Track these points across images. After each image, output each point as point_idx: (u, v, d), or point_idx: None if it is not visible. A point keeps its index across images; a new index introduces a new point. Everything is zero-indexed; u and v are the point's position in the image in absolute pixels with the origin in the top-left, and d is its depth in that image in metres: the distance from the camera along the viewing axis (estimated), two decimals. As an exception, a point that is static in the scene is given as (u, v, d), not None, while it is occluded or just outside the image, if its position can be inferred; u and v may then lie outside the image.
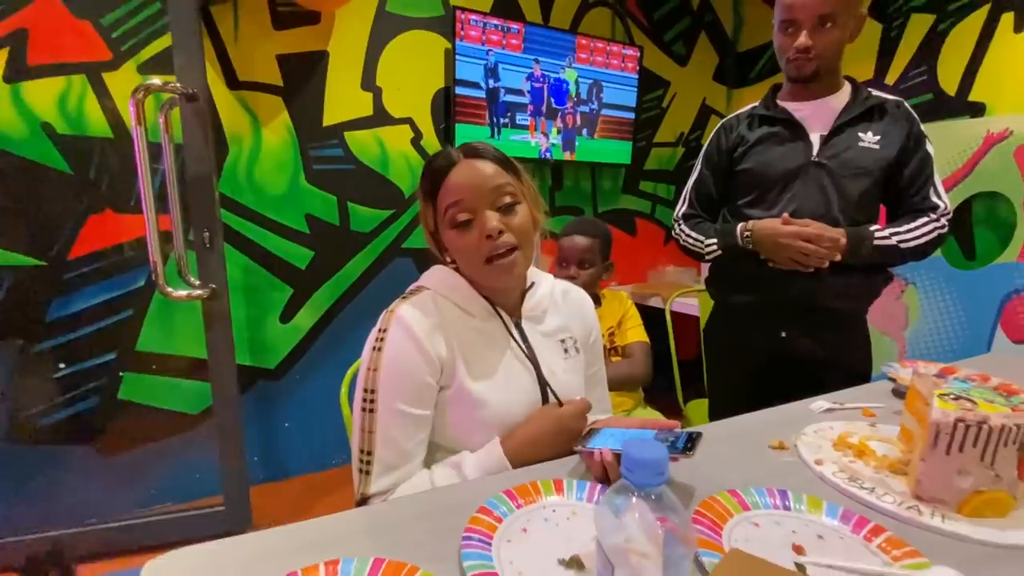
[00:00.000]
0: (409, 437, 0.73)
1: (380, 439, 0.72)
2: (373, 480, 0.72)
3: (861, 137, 1.15)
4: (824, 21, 1.08)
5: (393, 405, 0.72)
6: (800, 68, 1.14)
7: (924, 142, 1.16)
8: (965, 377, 0.72)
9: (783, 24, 1.13)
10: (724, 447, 0.78)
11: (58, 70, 1.57)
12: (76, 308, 1.67)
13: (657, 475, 0.35)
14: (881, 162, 1.13)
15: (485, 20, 2.04)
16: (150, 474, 1.82)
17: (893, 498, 0.63)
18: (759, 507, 0.61)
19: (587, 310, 0.92)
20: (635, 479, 0.35)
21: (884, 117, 1.16)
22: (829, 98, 1.18)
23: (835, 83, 1.19)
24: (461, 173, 0.75)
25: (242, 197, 1.84)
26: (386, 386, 0.72)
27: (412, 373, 0.73)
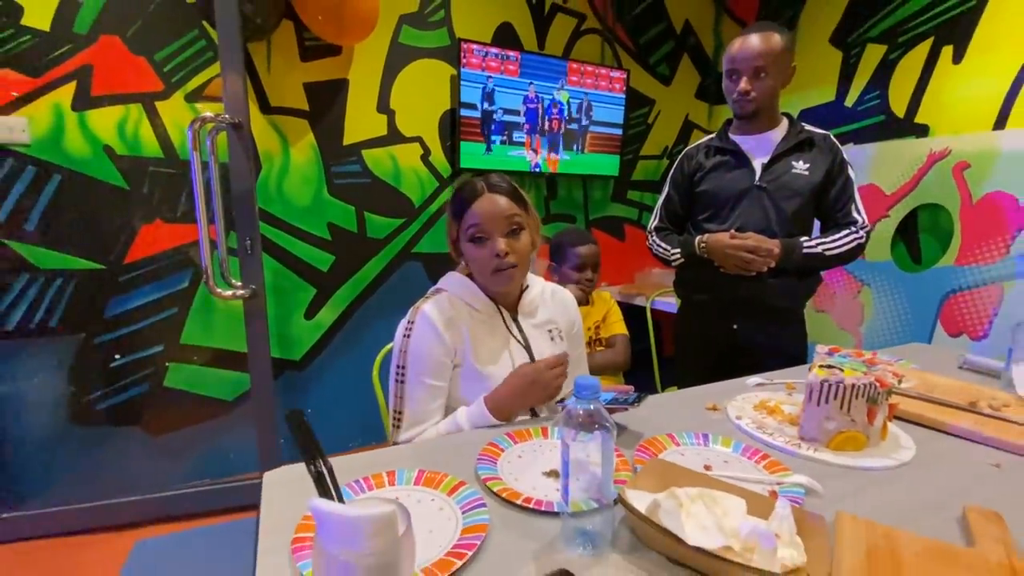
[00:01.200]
0: (431, 400, 0.99)
1: (408, 402, 0.98)
2: (402, 432, 0.98)
3: (794, 165, 1.41)
4: (759, 72, 1.35)
5: (419, 378, 0.98)
6: (742, 108, 1.41)
7: (846, 167, 1.41)
8: (847, 354, 0.96)
9: (728, 72, 1.40)
10: (671, 408, 1.03)
11: (118, 100, 1.81)
12: (130, 306, 1.91)
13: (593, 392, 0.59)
14: (810, 185, 1.39)
15: (486, 49, 2.29)
16: (190, 453, 2.06)
17: (784, 439, 0.88)
18: (686, 443, 0.86)
19: (571, 307, 1.17)
20: (580, 395, 0.59)
21: (813, 148, 1.42)
22: (769, 132, 1.44)
23: (774, 119, 1.44)
24: (483, 203, 0.99)
25: (273, 208, 2.08)
26: (413, 364, 0.98)
27: (433, 354, 0.98)
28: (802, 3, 2.59)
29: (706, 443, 0.87)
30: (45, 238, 1.77)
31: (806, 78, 2.61)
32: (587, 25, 2.64)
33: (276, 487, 0.75)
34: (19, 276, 1.75)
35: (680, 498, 0.60)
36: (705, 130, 3.12)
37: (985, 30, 2.00)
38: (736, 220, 1.43)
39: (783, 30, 1.37)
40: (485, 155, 2.39)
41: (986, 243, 1.96)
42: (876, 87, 2.33)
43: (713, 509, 0.59)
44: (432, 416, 0.99)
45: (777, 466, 0.79)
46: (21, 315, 1.77)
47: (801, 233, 1.42)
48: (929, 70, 2.16)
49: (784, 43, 1.35)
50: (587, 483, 0.59)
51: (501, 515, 0.67)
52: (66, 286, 1.82)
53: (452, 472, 0.75)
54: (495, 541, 0.62)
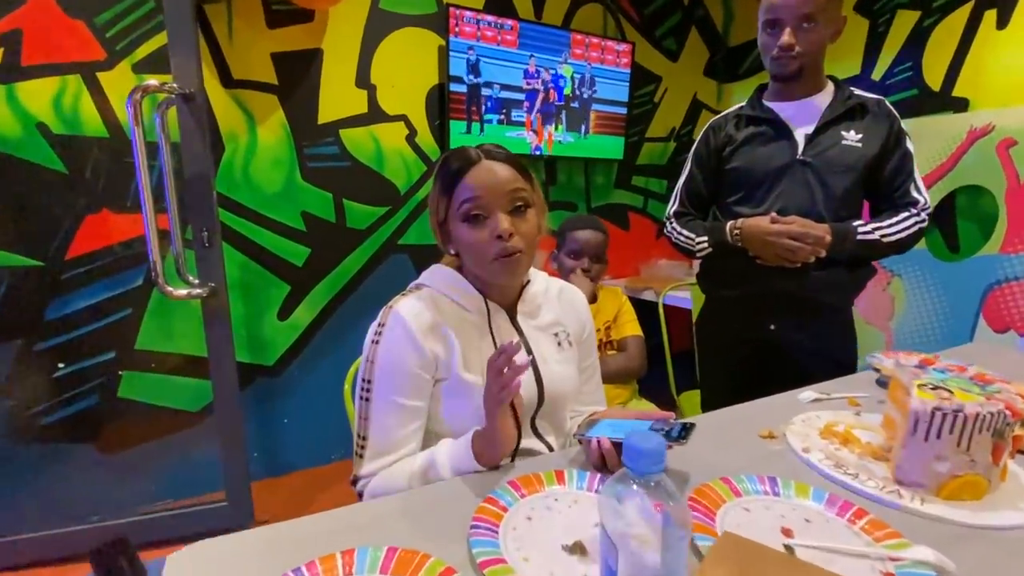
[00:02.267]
0: (401, 426, 0.77)
1: (374, 426, 0.77)
2: (364, 463, 0.77)
3: (844, 135, 1.18)
4: (806, 20, 1.11)
5: (387, 395, 0.76)
6: (783, 66, 1.17)
7: (905, 139, 1.19)
8: (944, 367, 0.76)
9: (766, 24, 1.17)
10: (717, 436, 0.82)
11: (53, 70, 1.56)
12: (75, 307, 1.67)
13: (656, 464, 0.38)
14: (863, 159, 1.17)
15: (479, 17, 2.05)
16: (151, 471, 1.84)
17: (876, 483, 0.67)
18: (750, 493, 0.65)
19: (581, 307, 0.95)
20: (635, 467, 0.38)
21: (866, 116, 1.19)
22: (813, 98, 1.22)
23: (818, 82, 1.22)
24: (480, 173, 0.76)
25: (238, 195, 1.84)
26: (381, 377, 0.77)
27: (406, 366, 0.76)
28: (823, -32, 2.37)
29: (775, 490, 0.65)
30: (-31, 231, 1.53)
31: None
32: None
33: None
34: (-61, 275, 1.51)
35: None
36: (714, 110, 2.90)
37: (1035, -10, 1.79)
38: (775, 202, 1.21)
39: None
40: (479, 136, 2.16)
41: (1037, 228, 1.76)
42: (908, 58, 2.12)
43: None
44: (404, 444, 0.78)
45: (882, 529, 0.58)
46: (-57, 320, 1.53)
47: (851, 216, 1.21)
48: (969, 37, 1.95)
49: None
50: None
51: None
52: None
53: (436, 545, 0.54)
54: None
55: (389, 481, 0.75)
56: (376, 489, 0.75)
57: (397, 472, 0.75)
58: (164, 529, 1.71)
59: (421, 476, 0.74)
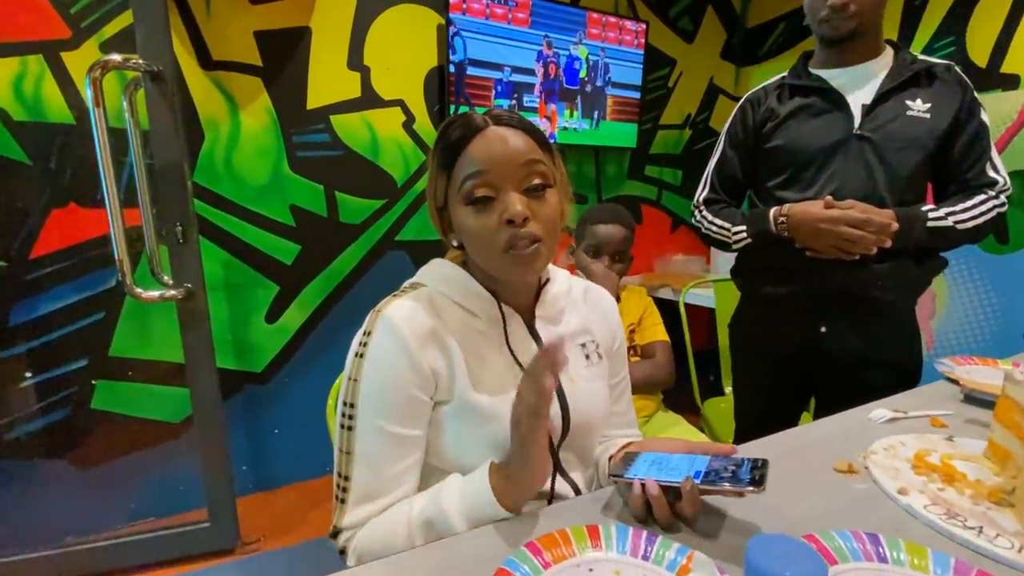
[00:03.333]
0: (393, 461, 0.61)
1: (359, 463, 0.60)
2: (348, 510, 0.60)
3: (909, 105, 1.02)
4: None
5: (375, 423, 0.60)
6: (836, 28, 1.01)
7: (979, 110, 1.03)
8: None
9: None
10: (783, 470, 0.65)
11: (11, 50, 1.41)
12: (41, 311, 1.53)
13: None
14: (933, 133, 1.00)
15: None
16: (130, 488, 1.70)
17: (1008, 541, 0.51)
18: (847, 558, 0.49)
19: (611, 312, 0.80)
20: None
21: (934, 83, 1.03)
22: (869, 63, 1.05)
23: (876, 47, 1.05)
24: (487, 141, 0.60)
25: (220, 187, 1.69)
26: (368, 400, 0.60)
27: (398, 386, 0.60)
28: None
29: (880, 554, 0.49)
30: (-79, 227, 1.39)
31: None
32: (599, -32, 2.24)
33: None
34: None
35: None
36: (732, 96, 2.73)
37: (1097, -48, 1.61)
38: (827, 185, 1.05)
39: None
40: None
41: (1101, 216, 1.59)
42: (950, 32, 1.94)
43: None
44: (397, 484, 0.61)
45: (1046, 618, 0.42)
46: None
47: (917, 200, 1.04)
48: (1019, 7, 1.78)
49: None
50: None
51: None
52: (-46, 288, 1.43)
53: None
54: None
55: (382, 534, 0.59)
56: (365, 545, 0.59)
57: (392, 522, 0.59)
58: (143, 552, 1.56)
59: (423, 527, 0.57)
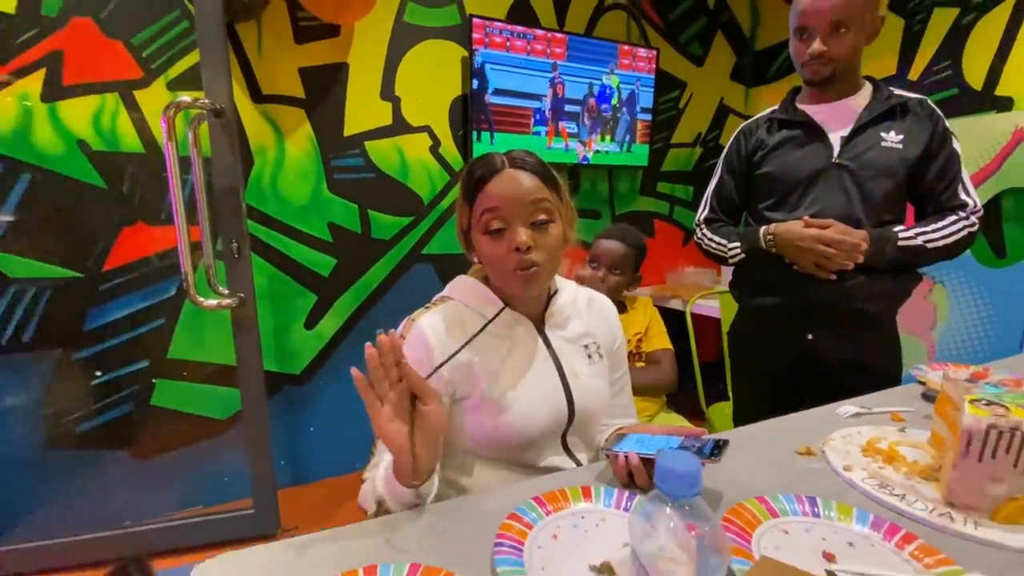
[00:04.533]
0: None
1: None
2: (367, 469, 0.77)
3: (883, 137, 1.14)
4: (838, 27, 1.08)
5: None
6: (815, 73, 1.14)
7: (950, 139, 1.14)
8: (997, 382, 0.71)
9: (797, 30, 1.13)
10: (751, 452, 0.78)
11: (92, 89, 1.62)
12: (111, 318, 1.72)
13: (691, 487, 0.36)
14: (905, 161, 1.12)
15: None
16: (181, 478, 1.88)
17: (925, 505, 0.63)
18: (788, 514, 0.62)
19: (611, 317, 0.93)
20: (669, 490, 0.36)
21: (907, 116, 1.15)
22: (849, 99, 1.17)
23: (854, 84, 1.18)
24: (502, 182, 0.75)
25: (267, 207, 1.88)
26: None
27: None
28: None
29: (815, 511, 0.62)
30: (15, 244, 1.59)
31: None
32: (611, 0, 2.39)
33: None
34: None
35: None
36: (742, 115, 2.85)
37: (1084, -17, 1.71)
38: (810, 207, 1.17)
39: None
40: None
41: (1092, 232, 1.67)
42: (947, 56, 2.04)
43: None
44: None
45: (933, 555, 0.54)
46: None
47: (893, 221, 1.16)
48: (1012, 34, 1.88)
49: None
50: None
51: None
52: (40, 297, 1.63)
53: (459, 562, 0.52)
54: None
55: (363, 493, 0.74)
56: (361, 493, 0.75)
57: (368, 483, 0.74)
58: (193, 535, 1.73)
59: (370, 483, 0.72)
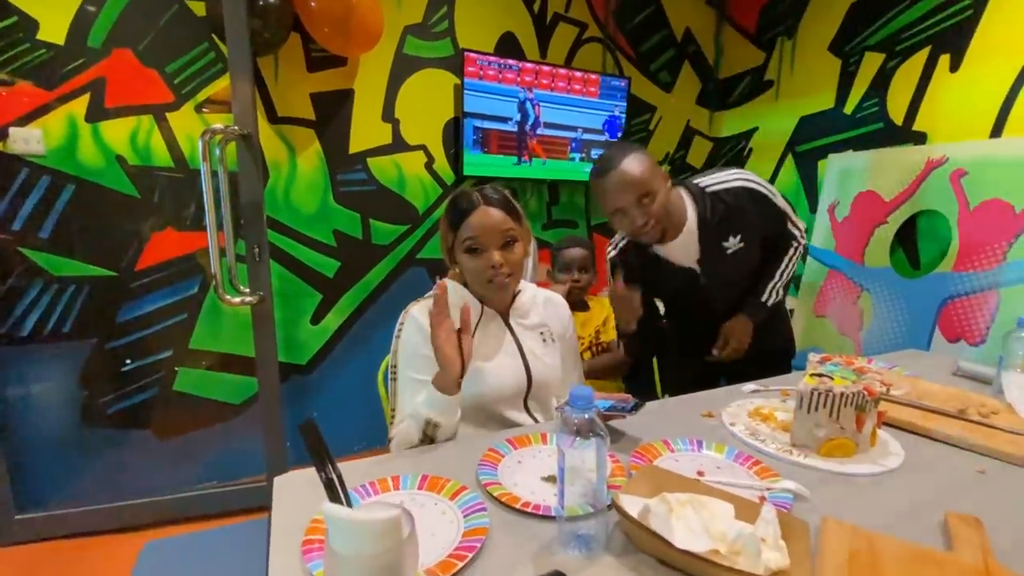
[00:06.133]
0: (416, 395, 0.99)
1: (400, 398, 1.04)
2: (393, 426, 1.02)
3: (725, 247, 1.34)
4: (644, 197, 1.20)
5: (407, 374, 1.03)
6: (651, 238, 1.28)
7: (773, 205, 1.36)
8: (838, 362, 0.99)
9: (612, 214, 1.26)
10: (667, 416, 1.06)
11: (130, 111, 1.86)
12: (141, 312, 1.95)
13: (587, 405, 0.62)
14: (752, 254, 1.38)
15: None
16: (200, 455, 2.11)
17: (777, 446, 0.91)
18: (681, 450, 0.89)
19: (563, 312, 1.21)
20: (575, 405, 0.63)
21: (734, 214, 1.31)
22: (682, 234, 1.32)
23: (679, 222, 1.31)
24: (479, 216, 1.01)
25: (280, 216, 2.12)
26: (403, 361, 1.04)
27: (419, 351, 1.02)
28: (801, 11, 2.62)
29: (700, 449, 0.90)
30: (59, 246, 1.82)
31: (806, 85, 2.64)
32: (588, 34, 2.67)
33: (285, 490, 0.79)
34: (34, 283, 1.80)
35: (671, 503, 0.63)
36: (706, 136, 3.15)
37: (981, 39, 2.02)
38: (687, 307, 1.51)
39: (634, 144, 1.28)
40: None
41: (983, 249, 1.98)
42: (875, 95, 2.36)
43: (701, 513, 0.62)
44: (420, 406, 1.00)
45: (768, 472, 0.82)
46: (35, 321, 1.81)
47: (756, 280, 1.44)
48: (927, 78, 2.19)
49: (645, 152, 1.23)
50: (582, 488, 0.62)
51: (501, 518, 0.70)
52: (79, 293, 1.86)
53: (454, 476, 0.79)
54: (495, 543, 0.65)
55: (403, 434, 0.98)
56: (397, 441, 0.98)
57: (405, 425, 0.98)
58: (212, 505, 1.97)
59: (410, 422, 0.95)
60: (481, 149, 2.39)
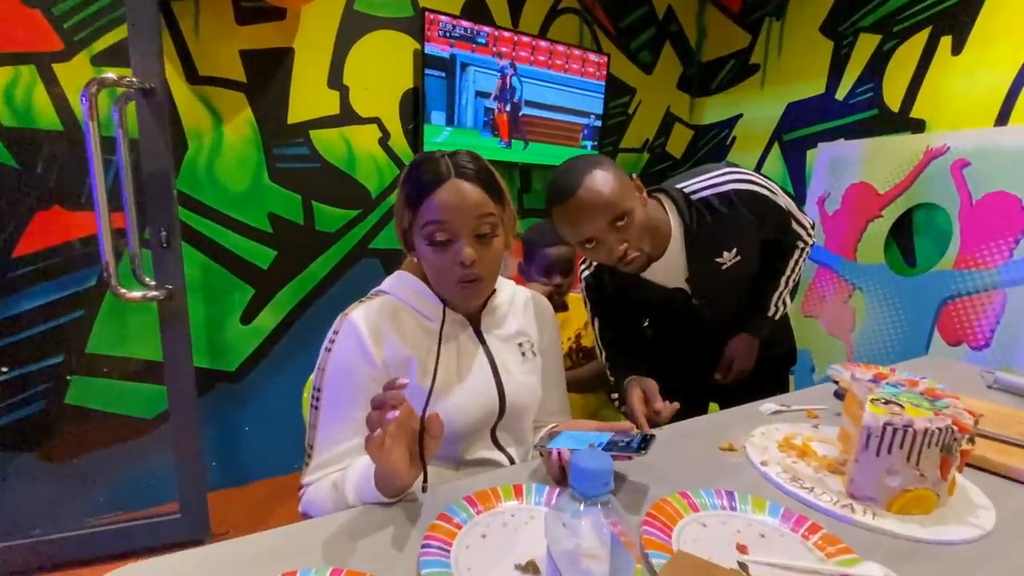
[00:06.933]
0: (347, 437, 0.74)
1: (320, 435, 0.75)
2: (308, 472, 0.74)
3: (719, 262, 1.10)
4: (616, 222, 0.94)
5: (336, 405, 0.75)
6: (636, 267, 1.03)
7: (775, 204, 1.10)
8: (896, 382, 0.77)
9: (583, 243, 0.98)
10: (677, 448, 0.82)
11: (5, 60, 1.49)
12: (21, 308, 1.59)
13: (603, 485, 0.37)
14: (751, 267, 1.16)
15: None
16: (101, 481, 1.76)
17: (830, 496, 0.68)
18: (707, 508, 0.65)
19: (548, 317, 0.95)
20: (582, 488, 0.37)
21: (725, 221, 1.06)
22: (671, 248, 1.08)
23: (663, 238, 1.07)
24: (448, 193, 0.73)
25: (201, 195, 1.79)
26: (331, 386, 0.75)
27: (356, 376, 0.75)
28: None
29: (732, 505, 0.66)
30: (-94, 225, 1.44)
31: (794, 69, 2.46)
32: (564, 4, 2.42)
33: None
34: None
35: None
36: (687, 123, 2.95)
37: (987, 19, 1.87)
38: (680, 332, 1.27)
39: (593, 156, 1.00)
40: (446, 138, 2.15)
41: (987, 246, 1.83)
42: (869, 79, 2.19)
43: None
44: (347, 456, 0.74)
45: (834, 544, 0.58)
46: None
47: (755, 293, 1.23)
48: (926, 62, 2.03)
49: (609, 163, 0.97)
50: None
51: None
52: (-64, 284, 1.49)
53: (385, 565, 0.52)
54: None
55: (316, 493, 0.72)
56: (306, 500, 0.73)
57: (323, 484, 0.72)
58: (115, 542, 1.63)
59: (331, 490, 0.70)
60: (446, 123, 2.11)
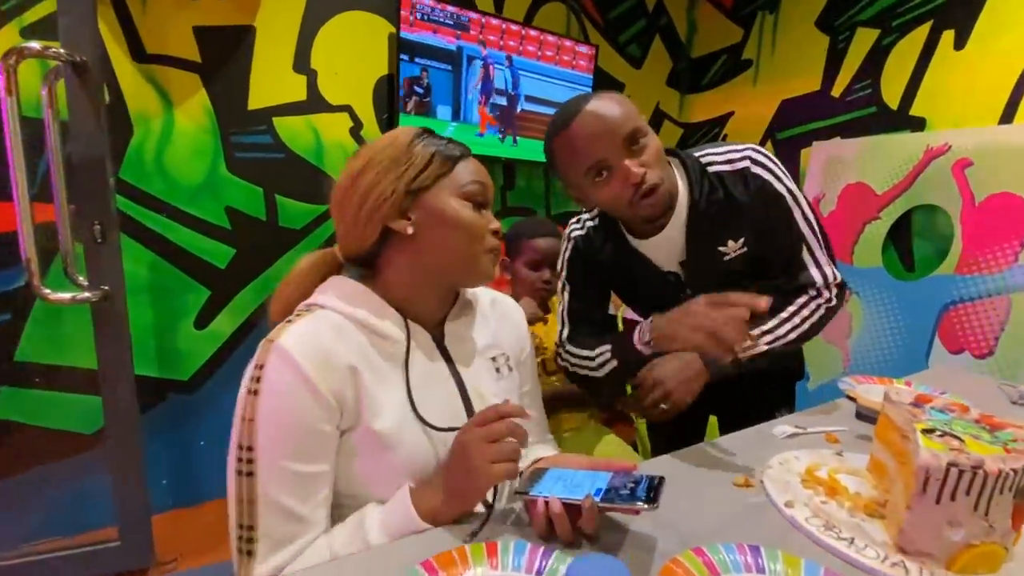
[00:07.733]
0: (303, 500, 0.58)
1: (264, 509, 0.56)
2: (258, 562, 0.56)
3: (723, 252, 0.93)
4: (631, 143, 0.80)
5: (278, 464, 0.56)
6: (653, 206, 0.84)
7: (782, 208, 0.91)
8: (943, 407, 0.65)
9: (591, 170, 0.82)
10: (685, 485, 0.69)
11: (-87, 27, 1.31)
12: (-65, 311, 1.41)
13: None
14: (755, 266, 0.96)
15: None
16: (34, 504, 1.57)
17: (875, 551, 0.55)
18: (729, 570, 0.52)
19: (519, 321, 0.81)
20: None
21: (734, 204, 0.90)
22: (670, 226, 0.91)
23: (671, 199, 0.89)
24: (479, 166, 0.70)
25: (149, 185, 1.61)
26: (267, 440, 0.56)
27: (300, 420, 0.57)
28: (786, -18, 2.36)
29: (759, 565, 0.52)
30: None
31: (789, 66, 2.37)
32: (551, -10, 2.30)
33: None
34: None
35: None
36: (677, 121, 2.85)
37: (991, 13, 1.79)
38: None
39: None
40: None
41: (991, 250, 1.75)
42: (867, 75, 2.11)
43: None
44: (312, 523, 0.58)
45: (894, 623, 0.45)
46: None
47: None
48: (927, 57, 1.95)
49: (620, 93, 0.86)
50: None
51: None
52: None
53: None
54: None
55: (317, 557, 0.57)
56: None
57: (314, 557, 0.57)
58: (46, 573, 1.45)
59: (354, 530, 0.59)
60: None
